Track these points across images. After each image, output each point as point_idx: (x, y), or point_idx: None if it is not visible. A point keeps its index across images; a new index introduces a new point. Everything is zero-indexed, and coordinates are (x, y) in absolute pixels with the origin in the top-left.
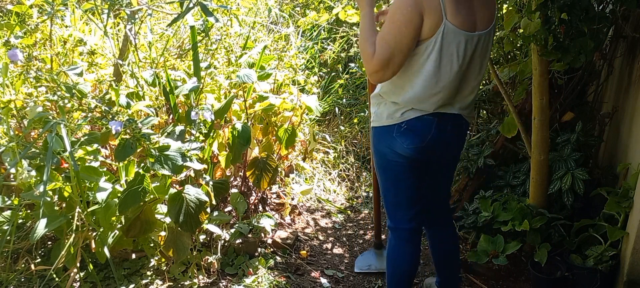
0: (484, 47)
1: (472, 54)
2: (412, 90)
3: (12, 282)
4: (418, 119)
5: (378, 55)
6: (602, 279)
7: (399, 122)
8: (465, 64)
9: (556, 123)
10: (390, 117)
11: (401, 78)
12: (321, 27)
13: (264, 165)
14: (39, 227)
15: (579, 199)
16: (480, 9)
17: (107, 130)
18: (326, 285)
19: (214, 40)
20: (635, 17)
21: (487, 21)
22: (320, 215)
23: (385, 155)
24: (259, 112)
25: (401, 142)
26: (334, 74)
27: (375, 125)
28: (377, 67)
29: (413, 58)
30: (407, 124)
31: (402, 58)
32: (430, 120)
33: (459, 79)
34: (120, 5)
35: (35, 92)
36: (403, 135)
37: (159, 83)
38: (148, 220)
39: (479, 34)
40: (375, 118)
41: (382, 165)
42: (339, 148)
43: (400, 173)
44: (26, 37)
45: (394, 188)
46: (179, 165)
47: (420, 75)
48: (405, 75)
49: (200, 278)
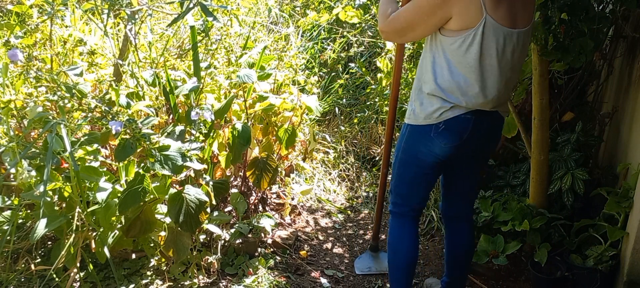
0: (523, 45)
1: (511, 50)
2: (454, 80)
3: (12, 282)
4: (455, 119)
5: (392, 22)
6: (602, 279)
7: (437, 122)
8: (504, 60)
9: (556, 123)
10: (428, 118)
11: (441, 67)
12: (321, 27)
13: (264, 165)
14: (39, 227)
15: (579, 199)
16: (521, 7)
17: (107, 130)
18: (326, 285)
19: (214, 40)
20: (635, 17)
21: (527, 19)
22: (320, 215)
23: (416, 155)
24: (259, 112)
25: (439, 142)
26: (334, 74)
27: (412, 124)
28: (387, 29)
29: (453, 47)
30: (444, 124)
31: (413, 36)
32: (467, 119)
33: (499, 74)
34: (120, 5)
35: (35, 92)
36: (441, 135)
37: (159, 83)
38: (148, 220)
39: (519, 32)
40: (411, 116)
41: (407, 161)
42: (339, 148)
43: (426, 171)
44: (26, 37)
45: (410, 183)
46: (179, 165)
47: (462, 67)
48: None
49: (200, 278)
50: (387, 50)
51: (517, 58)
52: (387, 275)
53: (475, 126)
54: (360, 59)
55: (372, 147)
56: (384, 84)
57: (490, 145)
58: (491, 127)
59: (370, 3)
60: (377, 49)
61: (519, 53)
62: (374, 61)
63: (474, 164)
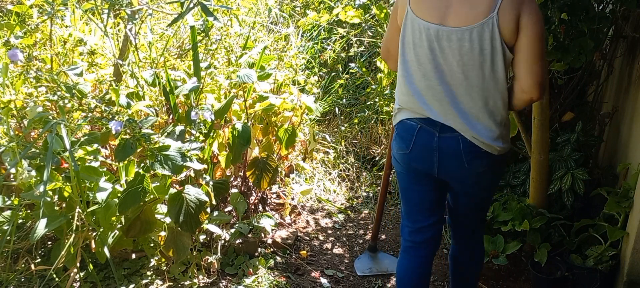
0: (463, 47)
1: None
2: (397, 85)
3: (12, 282)
4: (401, 123)
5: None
6: (602, 279)
7: (395, 124)
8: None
9: (556, 123)
10: (393, 119)
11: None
12: (321, 27)
13: (264, 165)
14: (39, 227)
15: (579, 199)
16: (459, 4)
17: (107, 130)
18: (326, 285)
19: (214, 40)
20: (635, 17)
21: (464, 18)
22: (320, 215)
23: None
24: (259, 112)
25: (394, 146)
26: (334, 74)
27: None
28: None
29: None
30: (397, 127)
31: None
32: (412, 126)
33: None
34: (121, 5)
35: (35, 92)
36: (395, 139)
37: (159, 83)
38: (148, 220)
39: (451, 30)
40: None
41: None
42: (339, 148)
43: (401, 180)
44: (26, 37)
45: (401, 194)
46: (179, 165)
47: (398, 66)
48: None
49: (200, 278)
50: None
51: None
52: (387, 275)
53: (423, 136)
54: (360, 59)
55: (372, 147)
56: (384, 84)
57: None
58: (456, 150)
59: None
60: (377, 49)
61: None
62: (374, 61)
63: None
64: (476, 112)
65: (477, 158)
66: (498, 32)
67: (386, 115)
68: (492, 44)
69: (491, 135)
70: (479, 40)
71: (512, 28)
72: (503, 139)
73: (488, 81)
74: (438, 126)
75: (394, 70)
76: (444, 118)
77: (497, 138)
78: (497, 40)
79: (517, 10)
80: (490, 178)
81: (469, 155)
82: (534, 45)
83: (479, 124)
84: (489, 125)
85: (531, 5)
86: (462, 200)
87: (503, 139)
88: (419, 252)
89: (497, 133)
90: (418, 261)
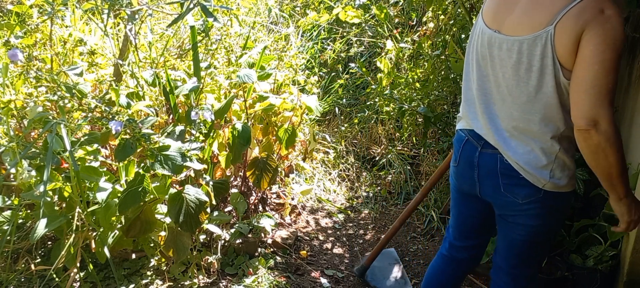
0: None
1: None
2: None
3: (12, 282)
4: (456, 133)
5: None
6: (602, 279)
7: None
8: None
9: None
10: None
11: None
12: (321, 27)
13: (264, 165)
14: (39, 227)
15: (579, 199)
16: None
17: (107, 130)
18: (326, 285)
19: (214, 40)
20: (635, 17)
21: (519, 27)
22: (320, 215)
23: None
24: (259, 112)
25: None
26: (334, 74)
27: None
28: None
29: None
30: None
31: None
32: (461, 138)
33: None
34: (121, 5)
35: (35, 92)
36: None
37: (159, 83)
38: (148, 220)
39: (503, 38)
40: None
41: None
42: (339, 148)
43: (451, 193)
44: (26, 37)
45: (451, 205)
46: (179, 165)
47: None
48: None
49: (200, 278)
50: (387, 50)
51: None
52: None
53: (468, 149)
54: (360, 59)
55: (372, 147)
56: (384, 84)
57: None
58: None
59: (370, 3)
60: (377, 49)
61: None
62: (374, 61)
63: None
64: (516, 132)
65: (517, 186)
66: (551, 48)
67: (386, 115)
68: (542, 61)
69: (535, 162)
70: (528, 55)
71: (570, 47)
72: (554, 173)
73: (534, 103)
74: (482, 141)
75: None
76: (485, 132)
77: (542, 168)
78: (548, 58)
79: (580, 27)
80: (535, 221)
81: (506, 179)
82: (582, 67)
83: (519, 146)
84: (531, 149)
85: (600, 26)
86: (502, 231)
87: (554, 173)
88: (452, 265)
89: (543, 162)
90: (451, 269)
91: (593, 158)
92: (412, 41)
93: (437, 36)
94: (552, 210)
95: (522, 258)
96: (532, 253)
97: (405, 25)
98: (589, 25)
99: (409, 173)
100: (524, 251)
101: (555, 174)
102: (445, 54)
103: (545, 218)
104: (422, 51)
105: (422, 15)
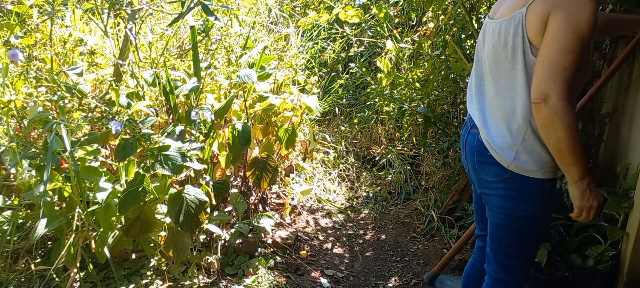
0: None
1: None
2: None
3: (12, 282)
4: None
5: None
6: (602, 279)
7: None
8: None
9: None
10: None
11: None
12: (321, 27)
13: (264, 165)
14: (39, 227)
15: None
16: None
17: (107, 130)
18: (326, 285)
19: (214, 40)
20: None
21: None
22: (320, 215)
23: None
24: (259, 112)
25: None
26: (334, 74)
27: None
28: None
29: None
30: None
31: None
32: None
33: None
34: (121, 5)
35: (35, 92)
36: None
37: (159, 83)
38: (148, 220)
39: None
40: None
41: None
42: (339, 148)
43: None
44: (26, 37)
45: None
46: (179, 165)
47: None
48: None
49: (200, 278)
50: (387, 50)
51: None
52: (387, 277)
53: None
54: (360, 59)
55: (372, 147)
56: (384, 84)
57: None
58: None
59: (370, 3)
60: (377, 49)
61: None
62: (374, 61)
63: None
64: (494, 110)
65: (487, 164)
66: (522, 28)
67: (386, 115)
68: (514, 39)
69: (501, 141)
70: (505, 34)
71: (537, 27)
72: (519, 155)
73: (508, 80)
74: (472, 122)
75: None
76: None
77: (508, 148)
78: (519, 36)
79: (549, 8)
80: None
81: (479, 156)
82: (544, 45)
83: (493, 125)
84: (502, 129)
85: (566, 8)
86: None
87: (519, 155)
88: (475, 255)
89: (508, 141)
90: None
91: (544, 133)
92: (412, 41)
93: (437, 36)
94: (523, 194)
95: (503, 243)
96: (513, 241)
97: (405, 25)
98: (556, 7)
99: (409, 173)
100: (504, 237)
101: (520, 157)
102: (445, 54)
103: (516, 202)
104: (422, 51)
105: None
